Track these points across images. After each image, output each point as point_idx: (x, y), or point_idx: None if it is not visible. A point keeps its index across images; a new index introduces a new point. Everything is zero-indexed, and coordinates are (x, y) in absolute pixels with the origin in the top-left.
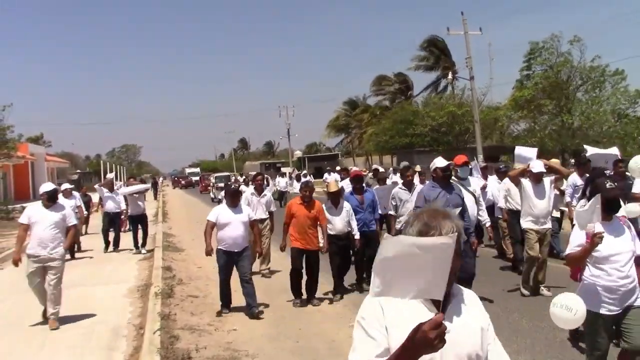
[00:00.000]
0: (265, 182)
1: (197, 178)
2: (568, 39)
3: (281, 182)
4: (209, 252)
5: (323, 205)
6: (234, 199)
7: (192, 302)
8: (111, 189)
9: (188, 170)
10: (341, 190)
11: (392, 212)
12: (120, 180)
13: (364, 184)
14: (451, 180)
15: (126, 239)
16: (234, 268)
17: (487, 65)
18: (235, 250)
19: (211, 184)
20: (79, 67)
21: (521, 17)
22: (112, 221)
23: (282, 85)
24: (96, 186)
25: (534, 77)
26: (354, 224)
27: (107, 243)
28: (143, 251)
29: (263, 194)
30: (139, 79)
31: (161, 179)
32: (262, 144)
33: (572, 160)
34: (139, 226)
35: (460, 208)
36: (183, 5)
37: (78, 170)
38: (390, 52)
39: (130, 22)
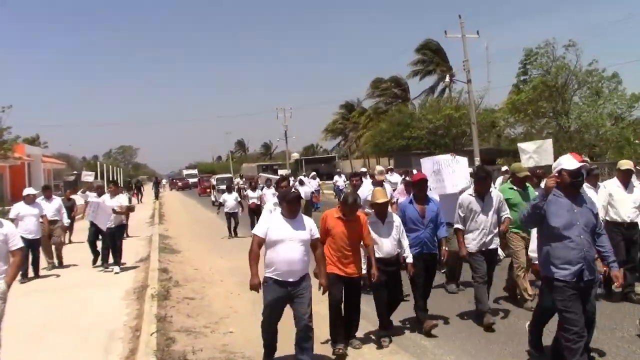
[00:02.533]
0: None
1: (195, 180)
2: (563, 43)
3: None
4: (255, 286)
5: (367, 219)
6: (292, 208)
7: (189, 304)
8: (100, 194)
9: (186, 172)
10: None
11: (459, 226)
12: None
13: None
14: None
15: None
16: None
17: (485, 68)
18: (291, 280)
19: (212, 186)
20: (76, 68)
21: (519, 22)
22: (101, 231)
23: (280, 87)
24: (79, 193)
25: (531, 81)
26: (405, 242)
27: (95, 255)
28: (116, 270)
29: None
30: (136, 80)
31: (164, 180)
32: (259, 146)
33: None
34: (113, 240)
35: (595, 227)
36: (181, 7)
37: (74, 172)
38: (388, 56)
39: (128, 24)
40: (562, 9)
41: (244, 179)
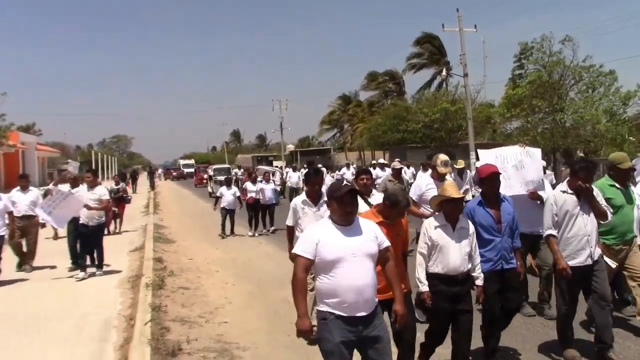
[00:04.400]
0: (272, 176)
1: (192, 170)
2: (560, 39)
3: (293, 177)
4: (306, 331)
5: (427, 226)
6: (348, 209)
7: (183, 293)
8: (75, 185)
9: (182, 162)
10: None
11: (552, 232)
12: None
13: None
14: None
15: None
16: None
17: (482, 63)
18: (362, 315)
19: (209, 177)
20: (72, 57)
21: (518, 18)
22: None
23: (276, 78)
24: (50, 186)
25: (527, 76)
26: (478, 258)
27: (74, 259)
28: (98, 272)
29: (320, 202)
30: (132, 70)
31: (159, 170)
32: (254, 137)
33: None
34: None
35: None
36: None
37: (69, 160)
38: (386, 49)
39: (123, 13)
40: (563, 6)
41: (242, 170)
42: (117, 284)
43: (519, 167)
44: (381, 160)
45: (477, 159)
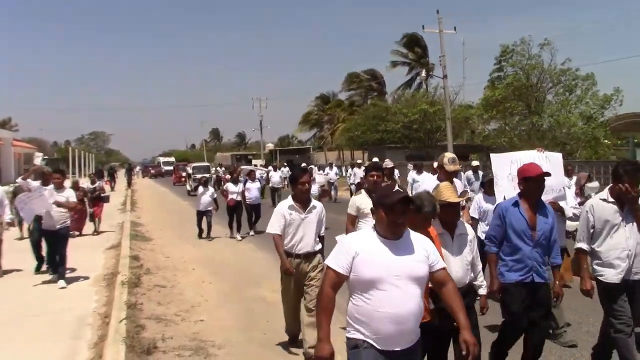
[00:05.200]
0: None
1: (171, 168)
2: (539, 42)
3: (274, 176)
4: (326, 358)
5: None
6: (399, 219)
7: (160, 291)
8: (45, 182)
9: (162, 160)
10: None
11: (583, 245)
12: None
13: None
14: None
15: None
16: None
17: (461, 64)
18: (399, 349)
19: (187, 175)
20: (49, 51)
21: (498, 20)
22: (46, 236)
23: (256, 77)
24: (19, 180)
25: (505, 78)
26: (479, 266)
27: (39, 260)
28: (61, 284)
29: (309, 207)
30: (110, 66)
31: (138, 168)
32: (233, 136)
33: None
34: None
35: None
36: None
37: (45, 157)
38: (367, 49)
39: (102, 9)
40: (542, 9)
41: (223, 168)
42: (92, 282)
43: None
44: (359, 161)
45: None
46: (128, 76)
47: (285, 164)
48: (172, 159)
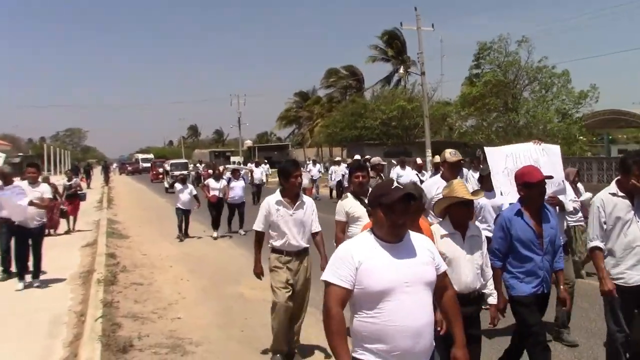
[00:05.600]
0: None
1: (149, 165)
2: (517, 39)
3: (256, 172)
4: None
5: (435, 231)
6: (401, 220)
7: (136, 289)
8: (7, 183)
9: (141, 157)
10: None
11: (598, 243)
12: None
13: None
14: None
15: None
16: None
17: (439, 61)
18: None
19: (165, 171)
20: (24, 47)
21: (475, 17)
22: (18, 235)
23: (234, 73)
24: None
25: (483, 76)
26: (489, 272)
27: (5, 268)
28: (36, 283)
29: (298, 203)
30: (86, 62)
31: (114, 165)
32: (212, 132)
33: None
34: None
35: None
36: None
37: (20, 154)
38: (346, 46)
39: (80, 4)
40: (518, 6)
41: (203, 165)
42: (67, 280)
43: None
44: (338, 158)
45: (433, 155)
46: (105, 73)
47: (266, 160)
48: (151, 155)
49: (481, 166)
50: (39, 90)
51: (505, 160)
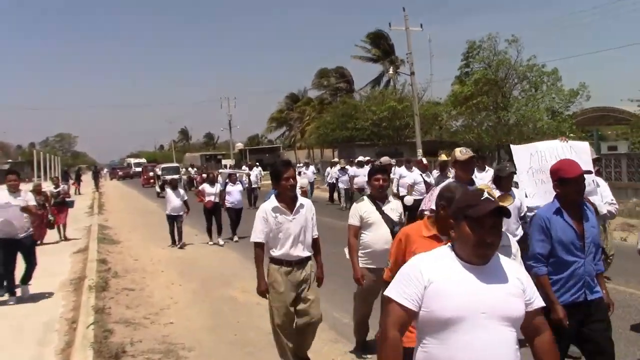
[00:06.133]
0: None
1: (140, 169)
2: (506, 38)
3: (251, 176)
4: None
5: None
6: (491, 239)
7: (128, 295)
8: None
9: (134, 161)
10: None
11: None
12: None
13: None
14: None
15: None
16: None
17: (428, 61)
18: None
19: (156, 176)
20: (12, 49)
21: (464, 17)
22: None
23: (224, 76)
24: None
25: (473, 74)
26: (532, 286)
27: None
28: (27, 293)
29: (297, 206)
30: (76, 66)
31: (105, 170)
32: (202, 135)
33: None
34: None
35: None
36: None
37: (9, 160)
38: (335, 47)
39: (69, 6)
40: (508, 5)
41: (195, 169)
42: (59, 287)
43: None
44: (334, 160)
45: (424, 155)
46: (94, 77)
47: (257, 163)
48: (144, 160)
49: (487, 167)
50: (26, 95)
51: (530, 159)
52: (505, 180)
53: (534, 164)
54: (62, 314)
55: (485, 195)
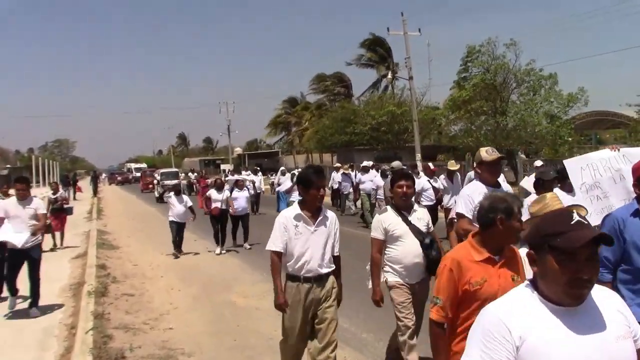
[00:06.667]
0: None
1: (139, 175)
2: (504, 42)
3: (256, 182)
4: None
5: (524, 256)
6: (584, 275)
7: (127, 300)
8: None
9: (134, 166)
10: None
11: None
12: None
13: None
14: None
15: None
16: None
17: (427, 66)
18: None
19: (155, 181)
20: (11, 55)
21: (463, 17)
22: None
23: (223, 81)
24: None
25: (472, 79)
26: None
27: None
28: (34, 313)
29: (321, 218)
30: (75, 71)
31: (104, 175)
32: (201, 140)
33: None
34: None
35: None
36: None
37: (8, 165)
38: (333, 51)
39: (67, 12)
40: (506, 8)
41: (195, 174)
42: (58, 292)
43: (616, 178)
44: (337, 165)
45: (422, 159)
46: (93, 82)
47: (257, 168)
48: (144, 165)
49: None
50: (24, 100)
51: (582, 175)
52: (548, 184)
53: (587, 178)
54: (61, 319)
55: (576, 217)
